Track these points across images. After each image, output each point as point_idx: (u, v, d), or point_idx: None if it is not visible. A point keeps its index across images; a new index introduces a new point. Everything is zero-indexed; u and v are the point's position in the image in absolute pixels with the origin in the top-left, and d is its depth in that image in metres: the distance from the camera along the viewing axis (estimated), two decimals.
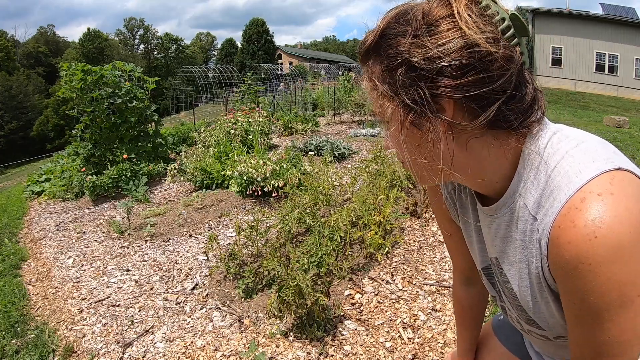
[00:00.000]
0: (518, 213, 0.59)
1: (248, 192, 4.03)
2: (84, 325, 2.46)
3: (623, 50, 21.25)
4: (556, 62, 22.78)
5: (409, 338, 2.05)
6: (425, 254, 2.81)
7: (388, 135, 0.63)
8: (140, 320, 2.44)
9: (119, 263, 3.25)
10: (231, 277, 2.70)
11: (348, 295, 2.42)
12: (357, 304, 2.34)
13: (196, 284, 2.78)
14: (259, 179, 3.93)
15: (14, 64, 38.62)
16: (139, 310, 2.54)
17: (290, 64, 42.08)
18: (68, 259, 3.49)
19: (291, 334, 2.14)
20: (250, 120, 6.44)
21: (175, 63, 46.27)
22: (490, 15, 0.53)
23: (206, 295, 2.62)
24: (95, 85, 5.71)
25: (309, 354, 2.00)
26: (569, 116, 12.51)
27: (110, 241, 3.74)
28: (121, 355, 2.14)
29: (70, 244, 3.84)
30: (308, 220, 2.94)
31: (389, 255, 2.78)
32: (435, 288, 2.43)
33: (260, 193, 3.99)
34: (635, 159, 5.98)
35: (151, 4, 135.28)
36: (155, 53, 51.63)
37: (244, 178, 4.03)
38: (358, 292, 2.44)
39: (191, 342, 2.19)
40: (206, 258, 3.07)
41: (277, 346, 2.07)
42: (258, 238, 2.83)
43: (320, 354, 1.98)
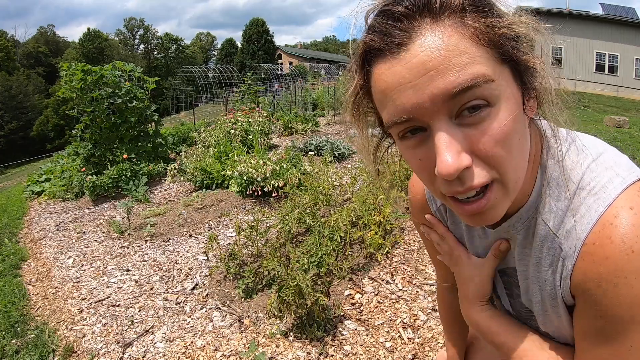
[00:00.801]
0: (534, 230, 0.56)
1: (248, 192, 4.04)
2: (84, 325, 2.46)
3: (623, 50, 21.26)
4: (556, 62, 22.76)
5: (409, 338, 2.05)
6: (425, 253, 2.81)
7: (478, 132, 0.44)
8: (140, 320, 2.44)
9: (119, 263, 3.25)
10: (231, 277, 2.70)
11: (348, 295, 2.42)
12: (357, 304, 2.34)
13: (196, 284, 2.78)
14: (259, 179, 3.93)
15: (14, 64, 38.66)
16: (139, 310, 2.54)
17: (290, 64, 42.09)
18: (68, 259, 3.49)
19: (291, 334, 2.14)
20: (250, 120, 6.44)
21: (175, 63, 46.29)
22: None
23: (206, 295, 2.62)
24: (95, 85, 5.71)
25: (309, 354, 2.00)
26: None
27: (110, 241, 3.74)
28: (121, 355, 2.14)
29: (70, 244, 3.84)
30: (308, 220, 2.94)
31: (389, 255, 2.78)
32: (436, 288, 2.43)
33: (260, 193, 3.99)
34: (635, 159, 5.98)
35: (151, 4, 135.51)
36: (155, 53, 51.66)
37: (244, 178, 4.03)
38: (358, 292, 2.44)
39: (191, 342, 2.19)
40: (206, 258, 3.07)
41: (277, 346, 2.07)
42: (258, 238, 2.83)
43: (320, 354, 1.98)
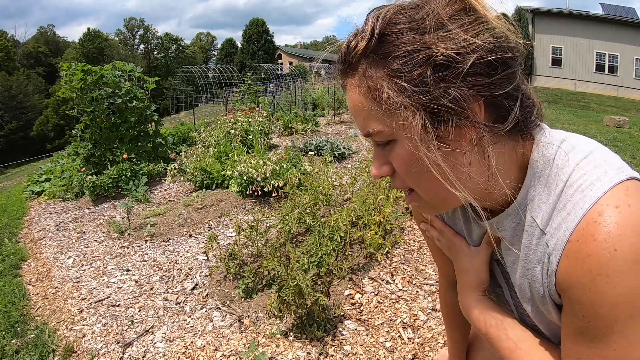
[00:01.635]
0: (522, 226, 0.57)
1: (248, 192, 4.04)
2: (84, 325, 2.46)
3: (623, 50, 21.26)
4: (556, 62, 22.79)
5: (409, 338, 2.05)
6: (425, 253, 2.81)
7: (391, 158, 0.54)
8: (140, 320, 2.44)
9: (119, 263, 3.25)
10: (231, 277, 2.70)
11: (348, 295, 2.42)
12: (357, 304, 2.34)
13: (196, 284, 2.78)
14: (259, 179, 3.93)
15: (14, 64, 38.63)
16: (139, 310, 2.54)
17: (290, 64, 42.06)
18: (68, 259, 3.49)
19: (291, 334, 2.14)
20: (250, 120, 6.44)
21: (175, 63, 46.28)
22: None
23: (206, 295, 2.62)
24: (95, 85, 5.71)
25: (309, 354, 2.00)
26: (569, 116, 12.51)
27: (110, 241, 3.74)
28: (121, 355, 2.14)
29: (70, 244, 3.84)
30: (308, 220, 2.94)
31: (389, 255, 2.78)
32: (435, 288, 2.42)
33: (260, 193, 3.99)
34: (635, 159, 5.98)
35: (151, 4, 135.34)
36: (155, 53, 51.64)
37: (244, 178, 4.03)
38: (358, 292, 2.44)
39: (191, 342, 2.19)
40: (206, 258, 3.07)
41: (277, 346, 2.07)
42: (258, 238, 2.83)
43: (320, 354, 1.98)
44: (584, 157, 0.52)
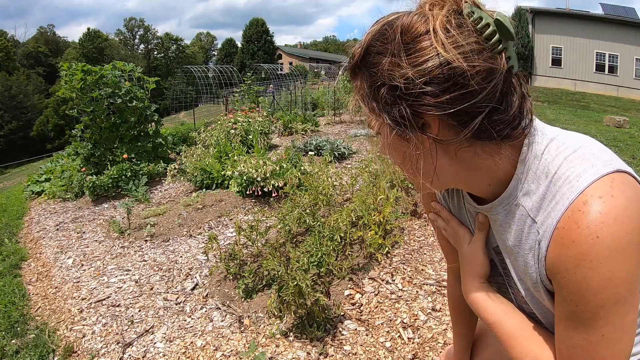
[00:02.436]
0: (514, 214, 0.61)
1: (248, 192, 4.04)
2: (84, 325, 2.46)
3: (623, 50, 21.26)
4: (556, 62, 22.79)
5: (409, 338, 2.05)
6: (425, 253, 2.81)
7: (383, 144, 0.66)
8: (140, 320, 2.44)
9: (119, 263, 3.25)
10: (231, 277, 2.70)
11: (348, 295, 2.42)
12: (357, 304, 2.34)
13: (196, 284, 2.78)
14: (259, 179, 3.93)
15: (14, 64, 38.62)
16: (139, 310, 2.54)
17: (290, 63, 42.05)
18: (68, 259, 3.49)
19: (291, 334, 2.14)
20: (250, 120, 6.44)
21: (175, 63, 46.25)
22: (474, 22, 0.53)
23: (206, 295, 2.63)
24: (95, 85, 5.71)
25: (309, 354, 2.00)
26: (569, 116, 12.51)
27: (110, 241, 3.74)
28: (121, 355, 2.14)
29: (70, 244, 3.84)
30: (308, 220, 2.94)
31: (389, 255, 2.78)
32: (435, 288, 2.43)
33: (260, 193, 3.99)
34: (635, 159, 5.97)
35: (151, 4, 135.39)
36: (155, 53, 51.62)
37: (244, 178, 4.03)
38: (358, 292, 2.44)
39: (191, 342, 2.19)
40: (206, 258, 3.07)
41: (277, 346, 2.07)
42: (258, 238, 2.83)
43: (320, 354, 1.98)
44: (572, 152, 0.55)
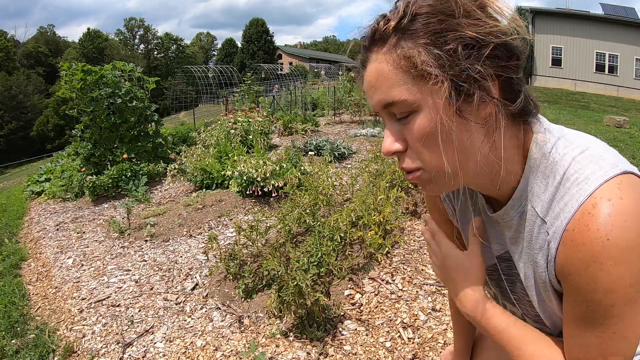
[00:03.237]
0: (525, 215, 0.61)
1: (248, 192, 4.04)
2: (84, 325, 2.46)
3: (623, 50, 21.25)
4: (556, 62, 22.78)
5: (409, 338, 2.05)
6: (425, 253, 2.81)
7: (406, 131, 0.56)
8: (140, 320, 2.44)
9: (119, 263, 3.25)
10: (231, 277, 2.70)
11: (348, 295, 2.42)
12: (357, 304, 2.34)
13: (196, 284, 2.78)
14: (259, 179, 3.93)
15: (14, 64, 38.60)
16: (139, 310, 2.54)
17: (290, 63, 42.07)
18: (68, 259, 3.49)
19: (291, 334, 2.14)
20: (250, 120, 6.44)
21: (175, 63, 46.26)
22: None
23: (206, 295, 2.62)
24: (95, 85, 5.71)
25: (309, 354, 2.00)
26: (569, 116, 12.51)
27: (110, 241, 3.74)
28: (121, 355, 2.14)
29: (70, 244, 3.84)
30: (308, 220, 2.94)
31: (389, 255, 2.78)
32: (435, 288, 2.43)
33: (260, 193, 3.99)
34: (635, 159, 5.98)
35: (151, 4, 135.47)
36: (155, 53, 51.60)
37: (244, 178, 4.03)
38: (358, 292, 2.44)
39: (191, 342, 2.19)
40: (206, 258, 3.07)
41: (277, 346, 2.07)
42: (258, 238, 2.83)
43: (320, 354, 1.98)
44: (580, 152, 0.55)
